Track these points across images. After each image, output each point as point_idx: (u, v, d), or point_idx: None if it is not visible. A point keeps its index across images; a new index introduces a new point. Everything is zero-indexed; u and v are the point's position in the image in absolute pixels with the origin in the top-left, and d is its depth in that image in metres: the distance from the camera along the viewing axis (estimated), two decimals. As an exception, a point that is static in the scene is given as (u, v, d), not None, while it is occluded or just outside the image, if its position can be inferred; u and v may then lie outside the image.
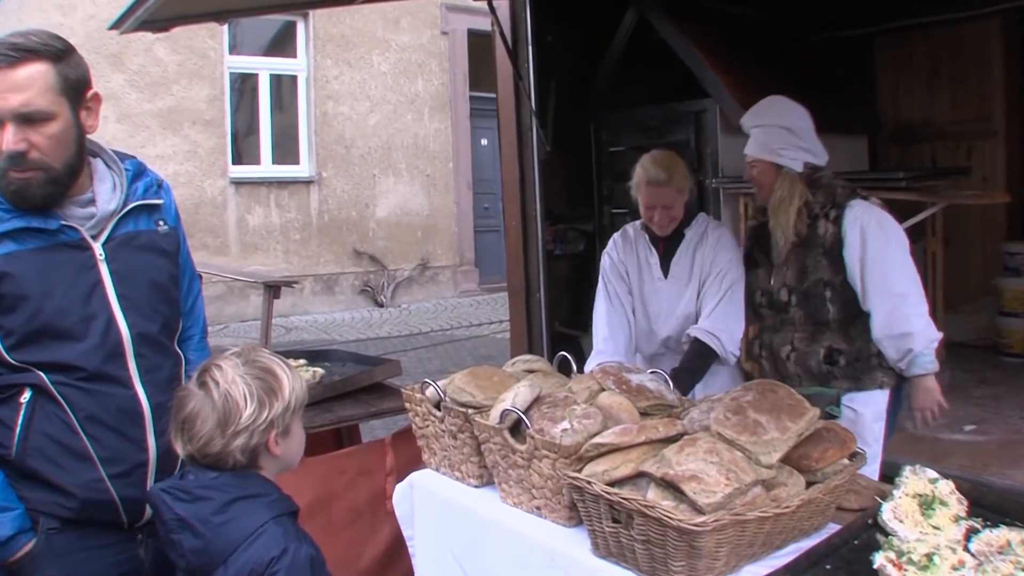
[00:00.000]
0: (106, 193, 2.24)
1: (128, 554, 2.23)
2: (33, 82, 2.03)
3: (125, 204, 2.25)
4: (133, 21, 3.97)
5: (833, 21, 5.71)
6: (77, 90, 2.12)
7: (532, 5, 5.53)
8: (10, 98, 2.01)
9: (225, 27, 12.21)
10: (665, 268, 3.69)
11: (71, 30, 10.82)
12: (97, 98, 2.20)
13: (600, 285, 3.89)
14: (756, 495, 1.94)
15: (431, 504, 2.81)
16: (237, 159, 12.74)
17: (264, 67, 13.04)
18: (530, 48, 5.56)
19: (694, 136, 4.86)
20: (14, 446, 2.10)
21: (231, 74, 12.58)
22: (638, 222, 3.82)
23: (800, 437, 2.08)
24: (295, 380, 2.05)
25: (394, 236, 13.87)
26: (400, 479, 3.14)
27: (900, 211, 4.88)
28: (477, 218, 14.95)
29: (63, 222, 2.13)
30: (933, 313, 4.98)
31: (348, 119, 13.38)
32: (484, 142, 15.13)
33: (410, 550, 2.95)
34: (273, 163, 13.14)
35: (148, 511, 2.19)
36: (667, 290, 3.68)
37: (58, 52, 2.08)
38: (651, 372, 2.72)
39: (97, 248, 2.18)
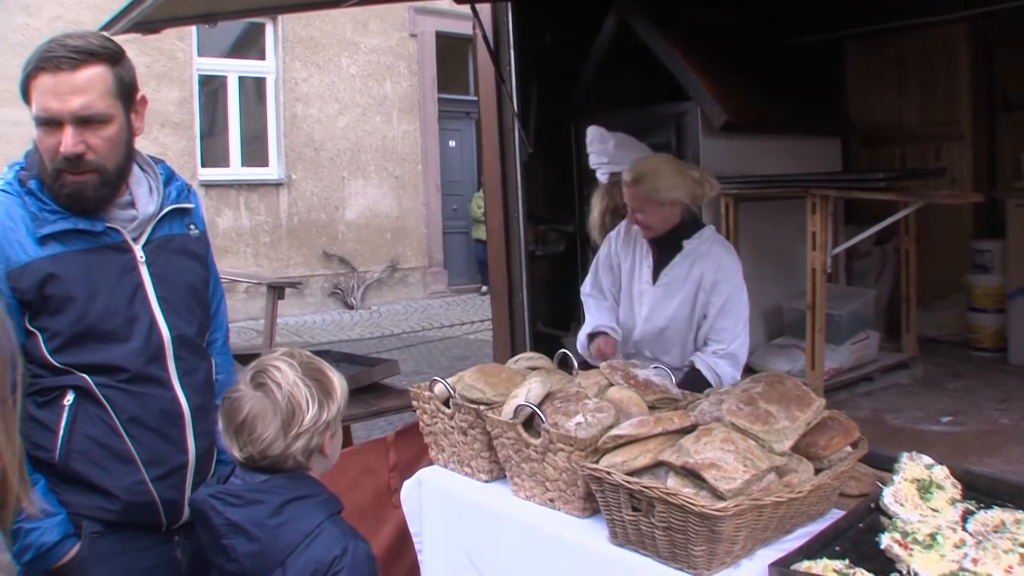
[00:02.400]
0: (144, 196, 2.28)
1: (166, 556, 2.26)
2: (93, 85, 2.06)
3: (162, 207, 2.29)
4: (127, 22, 3.99)
5: (806, 25, 5.84)
6: (129, 93, 2.17)
7: (514, 8, 5.60)
8: (71, 100, 2.04)
9: (194, 29, 12.17)
10: (656, 274, 3.67)
11: (37, 31, 10.75)
12: (144, 101, 2.24)
13: (591, 269, 3.94)
14: (771, 481, 2.04)
15: (440, 500, 2.88)
16: (206, 162, 12.69)
17: (233, 69, 13.01)
18: (512, 51, 5.64)
19: (675, 138, 4.95)
20: (57, 449, 2.12)
21: (200, 76, 12.54)
22: None
23: (808, 426, 2.19)
24: (342, 381, 2.11)
25: (363, 238, 13.90)
26: (403, 476, 3.21)
27: (875, 211, 5.03)
28: (446, 219, 15.03)
29: (107, 224, 2.17)
30: (907, 310, 5.17)
31: (317, 121, 13.39)
32: (452, 144, 15.22)
33: (416, 546, 3.00)
34: (242, 165, 13.11)
35: (186, 513, 2.24)
36: (652, 296, 3.66)
37: (115, 55, 2.13)
38: (654, 367, 2.81)
39: (138, 251, 2.22)
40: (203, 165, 12.58)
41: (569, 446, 2.34)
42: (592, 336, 3.73)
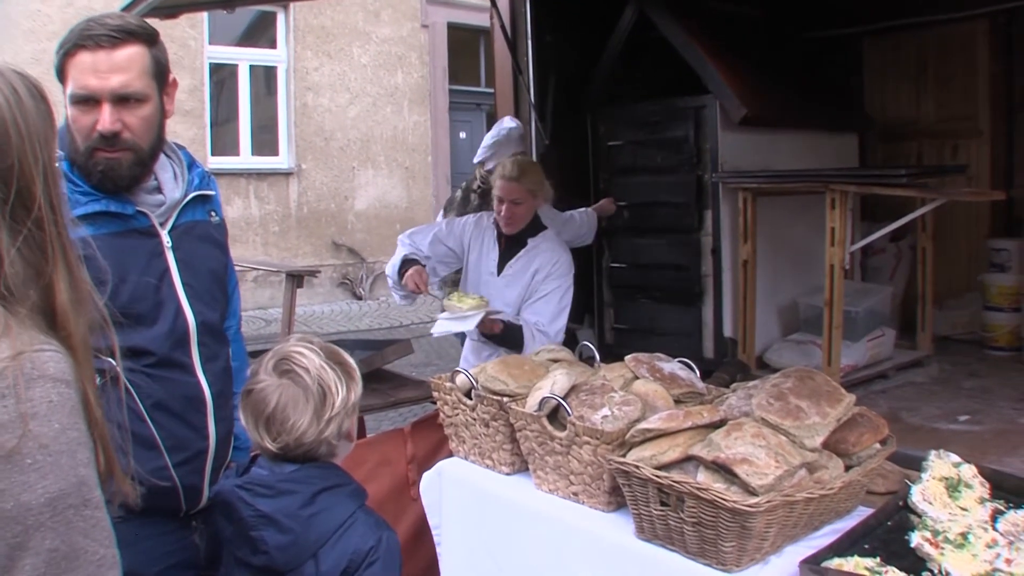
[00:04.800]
0: (170, 181, 2.26)
1: (185, 541, 2.25)
2: (132, 64, 2.06)
3: (186, 193, 2.27)
4: (144, 7, 3.98)
5: (824, 19, 5.81)
6: (163, 74, 2.17)
7: (532, 1, 5.59)
8: (111, 79, 2.03)
9: (206, 17, 12.15)
10: (501, 266, 4.03)
11: (48, 17, 10.75)
12: (175, 83, 2.25)
13: (426, 230, 4.24)
14: (802, 477, 2.03)
15: (461, 492, 2.86)
16: (216, 150, 12.67)
17: (244, 58, 12.99)
18: (529, 42, 5.62)
19: (693, 131, 4.92)
20: None
21: (211, 65, 12.53)
22: (494, 214, 4.14)
23: (839, 422, 2.17)
24: (357, 365, 2.10)
25: (373, 229, 13.88)
26: (422, 467, 3.20)
27: (890, 208, 5.01)
28: (456, 211, 14.96)
29: (137, 208, 2.16)
30: (922, 308, 5.14)
31: (328, 111, 13.37)
32: (463, 135, 15.18)
33: (435, 539, 2.99)
34: (252, 154, 13.10)
35: (204, 499, 2.23)
36: (496, 286, 3.98)
37: (152, 35, 2.13)
38: (679, 361, 2.79)
39: (165, 236, 2.20)
40: (213, 153, 12.56)
41: (595, 439, 2.32)
42: (404, 265, 3.97)
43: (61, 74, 2.07)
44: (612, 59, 5.34)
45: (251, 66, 13.05)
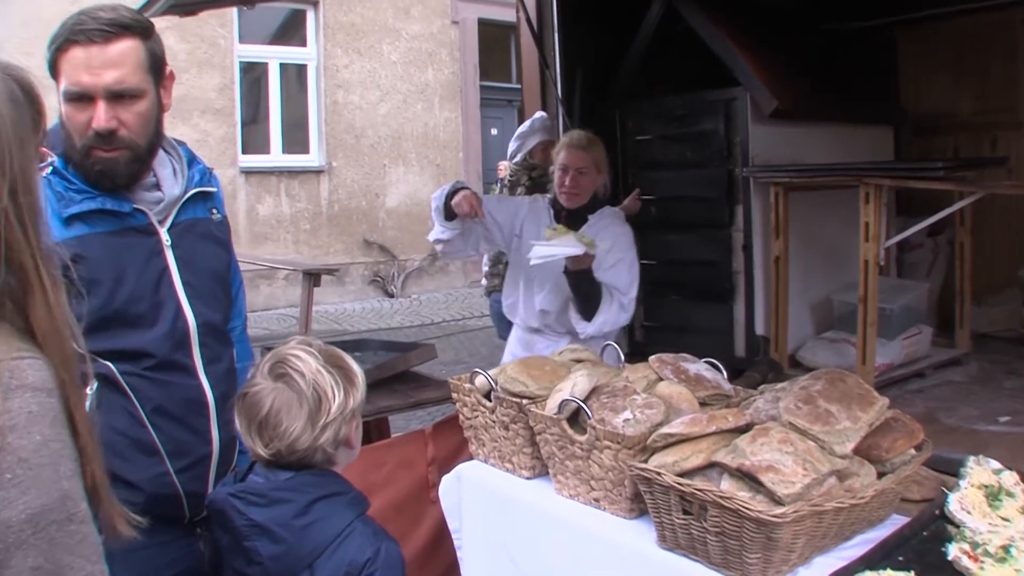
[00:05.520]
0: (169, 178, 2.21)
1: (189, 549, 2.18)
2: (126, 58, 1.99)
3: (186, 190, 2.22)
4: (163, 4, 3.93)
5: (857, 10, 5.66)
6: (159, 68, 2.10)
7: (559, -7, 5.51)
8: (105, 75, 1.97)
9: (235, 15, 12.17)
10: None
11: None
12: (172, 76, 2.17)
13: (491, 199, 4.16)
14: (831, 485, 1.93)
15: (480, 496, 2.80)
16: (247, 148, 12.70)
17: (274, 56, 13.00)
18: (556, 35, 5.54)
19: (723, 125, 4.81)
20: None
21: (241, 63, 12.54)
22: (548, 196, 4.06)
23: (871, 427, 2.07)
24: (359, 368, 2.03)
25: (404, 226, 13.84)
26: (442, 470, 3.14)
27: (927, 202, 4.87)
28: (487, 208, 14.91)
29: (134, 205, 2.10)
30: (960, 304, 5.00)
31: (358, 108, 13.35)
32: (494, 132, 15.11)
33: (456, 543, 2.93)
34: (283, 152, 13.12)
35: None
36: (552, 266, 3.71)
37: (147, 28, 2.06)
38: (706, 361, 2.70)
39: (163, 234, 2.14)
40: (244, 152, 12.59)
41: (616, 444, 2.24)
42: (453, 194, 3.72)
43: (53, 70, 2.01)
44: (640, 52, 5.24)
45: (281, 64, 13.06)
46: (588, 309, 3.66)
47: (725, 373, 2.68)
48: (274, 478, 1.91)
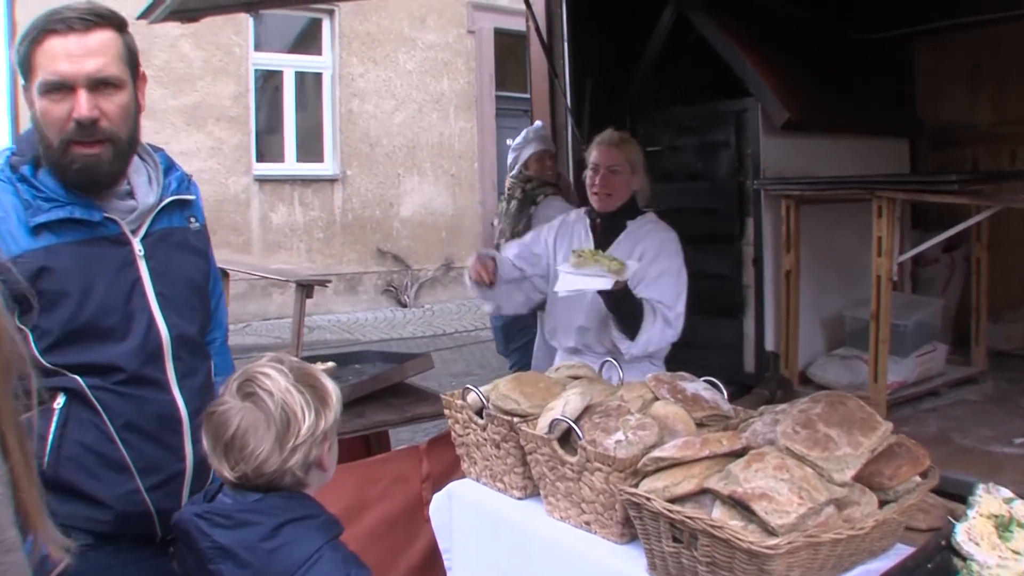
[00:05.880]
0: (143, 186, 2.14)
1: (161, 569, 2.09)
2: (106, 48, 1.96)
3: (161, 199, 2.15)
4: (162, 10, 3.88)
5: (872, 21, 5.56)
6: (135, 63, 2.06)
7: (568, 2, 5.42)
8: (86, 63, 1.93)
9: (251, 24, 12.15)
10: None
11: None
12: (145, 77, 2.12)
13: (515, 245, 3.90)
14: (829, 515, 1.83)
15: (471, 516, 2.71)
16: (261, 156, 12.67)
17: (289, 64, 12.97)
18: (565, 45, 5.47)
19: (735, 136, 4.72)
20: (46, 456, 1.97)
21: (256, 71, 12.51)
22: (583, 208, 3.85)
23: (873, 453, 1.96)
24: (335, 387, 1.93)
25: (418, 236, 13.78)
26: (436, 487, 3.05)
27: (943, 216, 4.76)
28: (502, 218, 14.83)
29: (105, 214, 2.03)
30: (976, 321, 4.88)
31: (373, 117, 13.30)
32: (510, 142, 15.00)
33: (446, 563, 2.84)
34: (297, 161, 13.07)
35: None
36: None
37: (122, 22, 2.04)
38: (705, 380, 2.60)
39: (136, 244, 2.08)
40: (258, 160, 12.56)
41: (607, 466, 2.14)
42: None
43: (26, 66, 1.95)
44: (651, 61, 5.16)
45: (297, 72, 13.02)
46: (629, 328, 3.38)
47: (725, 393, 2.58)
48: (242, 499, 1.82)
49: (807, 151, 4.71)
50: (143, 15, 4.03)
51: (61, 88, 1.93)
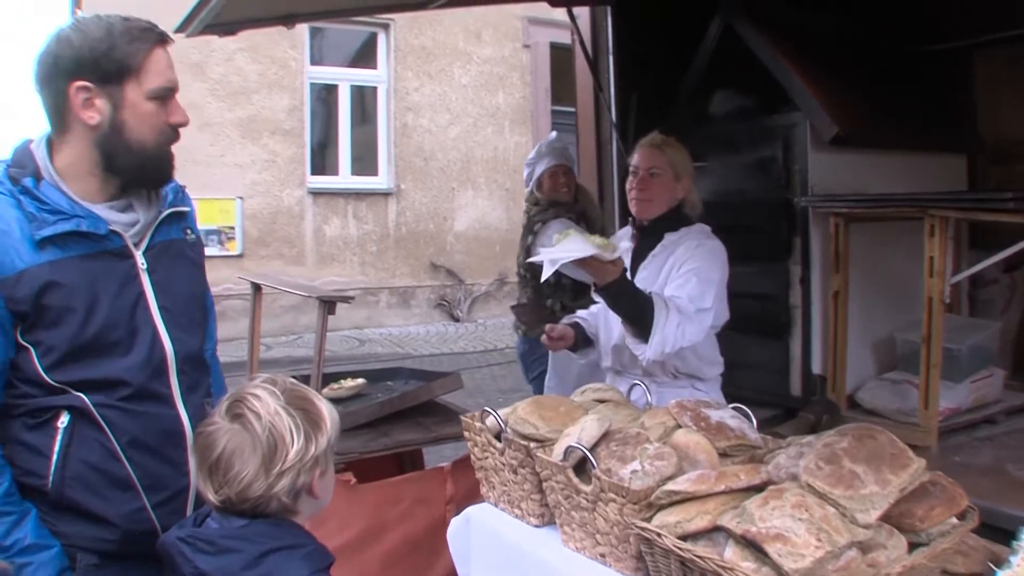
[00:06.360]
0: (143, 199, 2.12)
1: None
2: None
3: (160, 211, 2.13)
4: (197, 24, 3.87)
5: (929, 32, 5.37)
6: None
7: (613, 15, 5.32)
8: (173, 74, 2.05)
9: (307, 38, 12.26)
10: (634, 268, 3.35)
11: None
12: None
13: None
14: (850, 559, 1.69)
15: (489, 542, 2.61)
16: (316, 169, 12.74)
17: (344, 78, 13.03)
18: (611, 59, 5.36)
19: (782, 152, 4.57)
20: (51, 476, 1.96)
21: (311, 84, 12.60)
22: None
23: (903, 492, 1.82)
24: (332, 411, 1.85)
25: (472, 250, 13.74)
26: (460, 509, 2.96)
27: (1005, 236, 4.55)
28: (557, 234, 14.75)
29: (110, 228, 2.01)
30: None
31: (428, 131, 13.31)
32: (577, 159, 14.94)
33: (463, 590, 2.75)
34: (352, 174, 13.12)
35: None
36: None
37: None
38: (733, 407, 2.47)
39: (139, 257, 2.07)
40: (312, 173, 12.63)
41: (621, 497, 2.03)
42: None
43: (132, 69, 1.98)
44: (697, 75, 5.02)
45: (352, 86, 13.08)
46: (640, 330, 3.02)
47: (754, 421, 2.44)
48: (227, 525, 1.75)
49: (857, 167, 4.54)
50: (179, 28, 4.01)
51: (168, 94, 2.03)
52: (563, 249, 2.79)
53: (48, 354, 1.94)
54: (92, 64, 1.94)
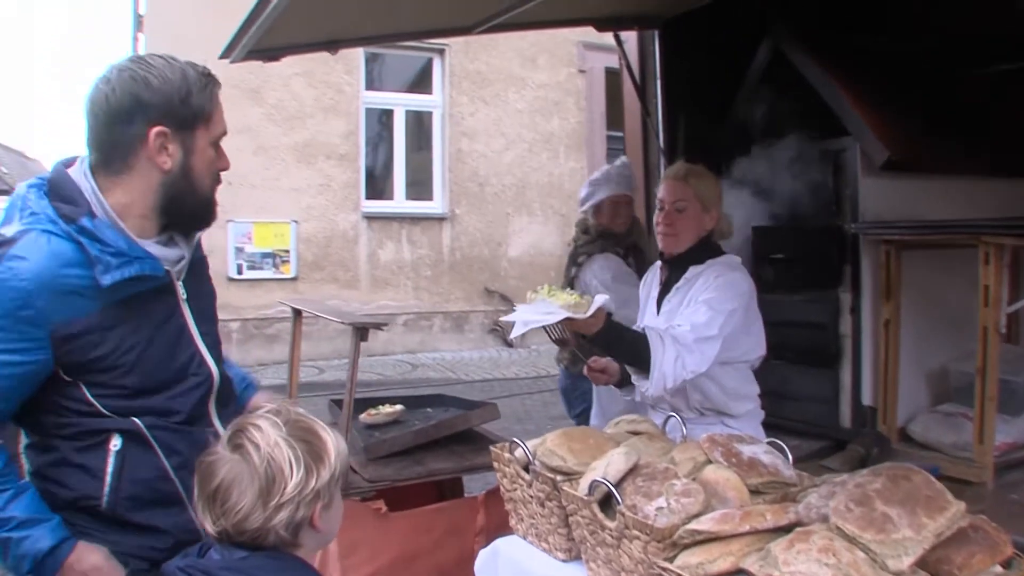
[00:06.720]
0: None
1: None
2: None
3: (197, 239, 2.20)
4: (240, 50, 3.89)
5: (982, 54, 5.23)
6: None
7: (661, 39, 5.26)
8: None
9: (362, 63, 12.37)
10: (660, 302, 3.26)
11: (213, 65, 11.12)
12: None
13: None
14: (881, 608, 1.60)
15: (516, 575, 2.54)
16: (370, 194, 12.82)
17: (400, 103, 13.12)
18: (658, 83, 5.30)
19: (832, 177, 4.48)
20: (104, 496, 1.98)
21: (367, 109, 12.69)
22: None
23: (939, 538, 1.71)
24: (339, 443, 1.80)
25: (526, 276, 13.68)
26: (491, 541, 2.89)
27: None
28: (611, 261, 14.66)
29: (166, 268, 2.05)
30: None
31: (483, 156, 13.32)
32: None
33: (492, 622, 2.68)
34: (406, 199, 13.18)
35: None
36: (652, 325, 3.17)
37: None
38: (768, 442, 2.38)
39: (180, 288, 2.10)
40: (367, 197, 12.71)
41: (645, 535, 1.95)
42: None
43: (204, 115, 2.03)
44: (746, 99, 4.94)
45: (407, 111, 13.16)
46: (641, 368, 2.96)
47: (790, 457, 2.34)
48: (228, 556, 1.71)
49: (910, 193, 4.42)
50: (224, 55, 4.04)
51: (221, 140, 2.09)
52: (536, 311, 2.76)
53: (102, 390, 1.96)
54: (172, 111, 1.96)
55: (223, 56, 4.07)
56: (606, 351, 3.07)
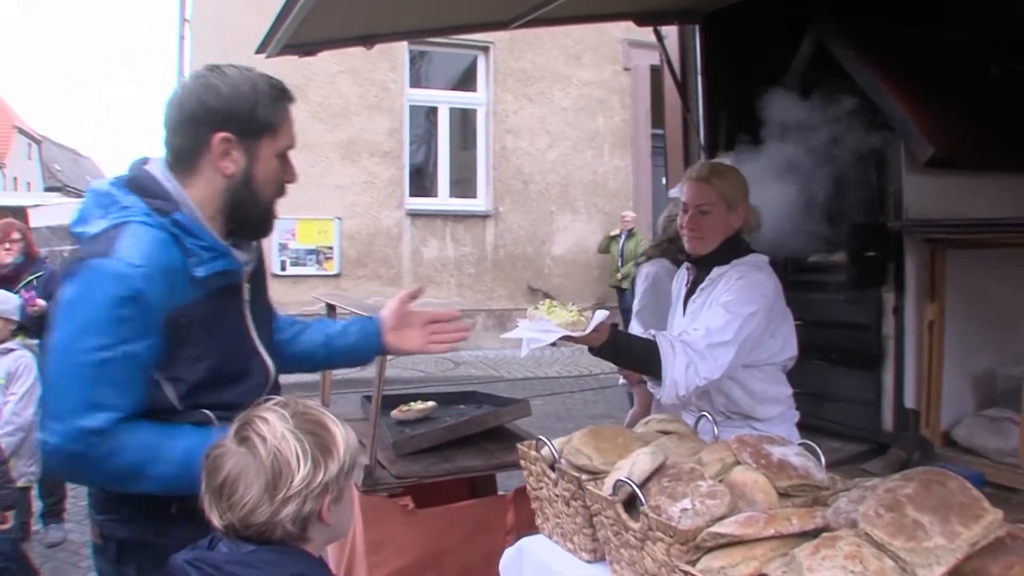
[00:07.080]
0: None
1: None
2: None
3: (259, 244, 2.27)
4: (275, 44, 3.89)
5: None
6: None
7: (702, 34, 5.19)
8: (295, 133, 2.12)
9: (406, 61, 12.39)
10: (686, 304, 3.18)
11: (258, 63, 11.20)
12: None
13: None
14: (909, 618, 1.53)
15: (540, 575, 2.50)
16: (414, 191, 12.84)
17: (444, 101, 13.13)
18: (699, 78, 5.23)
19: (876, 173, 4.39)
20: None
21: (411, 107, 12.72)
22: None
23: (974, 547, 1.63)
24: (349, 436, 1.76)
25: (570, 274, 13.64)
26: (519, 539, 2.86)
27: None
28: (657, 259, 14.55)
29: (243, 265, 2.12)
30: None
31: (527, 154, 13.29)
32: (665, 181, 14.76)
33: (517, 622, 2.64)
34: (450, 196, 13.19)
35: None
36: (679, 327, 3.13)
37: None
38: (801, 443, 2.31)
39: (245, 288, 2.16)
40: (411, 195, 12.73)
41: (669, 536, 1.90)
42: None
43: (272, 126, 2.06)
44: (788, 94, 4.84)
45: (451, 109, 13.16)
46: (652, 376, 2.89)
47: (823, 459, 2.27)
48: (236, 549, 1.67)
49: (955, 191, 4.32)
50: (259, 50, 4.04)
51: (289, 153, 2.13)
52: (535, 328, 2.76)
53: (180, 386, 1.99)
54: (237, 118, 1.99)
55: (259, 51, 4.07)
56: (615, 362, 3.04)
